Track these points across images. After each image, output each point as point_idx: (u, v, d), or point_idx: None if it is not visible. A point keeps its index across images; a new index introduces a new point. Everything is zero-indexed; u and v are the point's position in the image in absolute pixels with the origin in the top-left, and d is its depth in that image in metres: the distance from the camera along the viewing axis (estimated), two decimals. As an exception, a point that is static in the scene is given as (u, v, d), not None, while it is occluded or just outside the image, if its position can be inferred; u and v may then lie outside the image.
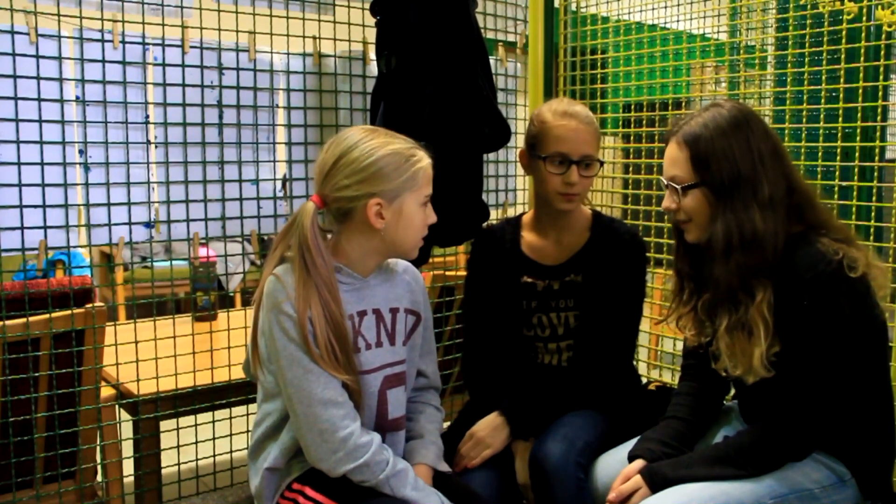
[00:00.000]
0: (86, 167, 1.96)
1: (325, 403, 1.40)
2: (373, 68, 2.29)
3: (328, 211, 1.49)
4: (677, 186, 1.50)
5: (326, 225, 1.52)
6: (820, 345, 1.40)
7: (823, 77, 2.13)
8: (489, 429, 1.77)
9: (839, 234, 1.45)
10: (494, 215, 2.39)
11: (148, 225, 2.06)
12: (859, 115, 2.03)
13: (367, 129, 1.51)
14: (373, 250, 1.50)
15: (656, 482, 1.48)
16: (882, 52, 1.95)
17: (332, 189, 1.45)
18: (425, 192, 1.50)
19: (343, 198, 1.45)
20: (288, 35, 2.22)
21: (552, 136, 1.79)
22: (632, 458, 1.58)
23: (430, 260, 2.27)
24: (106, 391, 2.08)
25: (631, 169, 2.70)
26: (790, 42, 2.43)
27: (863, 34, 2.02)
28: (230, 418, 2.29)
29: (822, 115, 2.12)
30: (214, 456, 2.28)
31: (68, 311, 1.86)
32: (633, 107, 2.70)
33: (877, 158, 2.17)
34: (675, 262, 1.64)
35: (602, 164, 1.83)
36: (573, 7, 2.73)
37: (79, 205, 1.96)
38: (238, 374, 2.10)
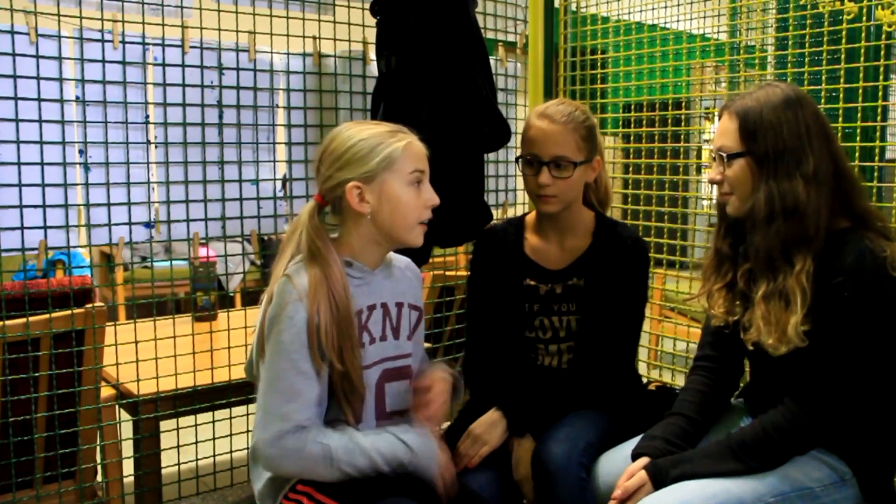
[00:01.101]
0: (86, 167, 1.96)
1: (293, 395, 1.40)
2: (373, 68, 2.29)
3: (330, 207, 1.52)
4: (723, 155, 1.52)
5: (331, 221, 1.54)
6: (847, 337, 1.41)
7: (823, 77, 2.13)
8: (486, 425, 1.77)
9: (884, 228, 1.47)
10: (495, 215, 2.39)
11: (148, 225, 2.06)
12: (859, 115, 2.03)
13: (355, 122, 1.53)
14: (371, 239, 1.51)
15: (659, 478, 1.49)
16: (882, 52, 1.95)
17: (321, 182, 1.49)
18: (409, 170, 1.47)
19: (330, 188, 1.47)
20: (288, 35, 2.22)
21: (526, 136, 1.80)
22: (636, 455, 1.58)
23: (430, 260, 2.27)
24: (106, 391, 2.08)
25: (631, 169, 2.70)
26: (790, 42, 2.43)
27: (863, 34, 2.02)
28: (230, 418, 2.29)
29: (821, 115, 2.12)
30: (214, 456, 2.28)
31: (68, 311, 1.86)
32: (633, 107, 2.70)
33: (877, 158, 2.16)
34: (714, 240, 1.66)
35: (576, 165, 1.76)
36: (573, 7, 2.73)
37: (79, 205, 1.95)
38: (238, 374, 2.10)
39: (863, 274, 1.40)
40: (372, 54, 2.27)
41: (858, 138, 2.05)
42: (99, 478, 2.14)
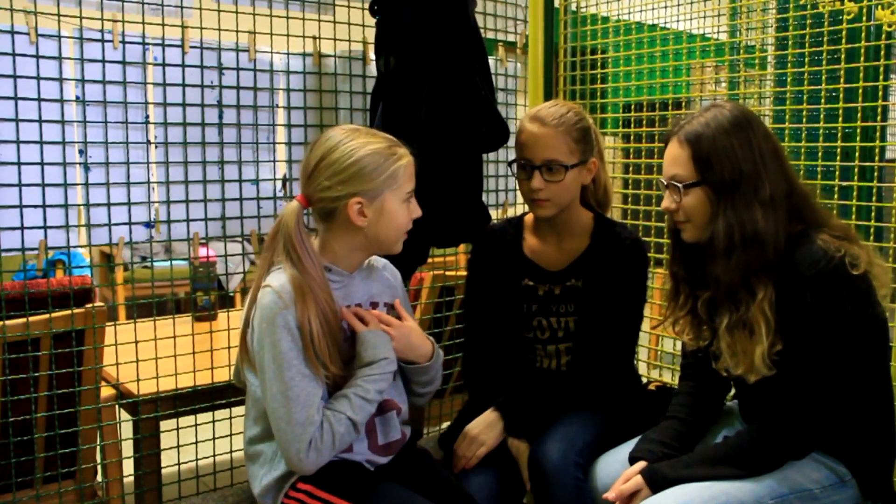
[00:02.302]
0: (86, 167, 1.96)
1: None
2: (373, 68, 2.29)
3: (313, 210, 1.53)
4: (678, 185, 1.50)
5: (312, 224, 1.56)
6: (821, 342, 1.41)
7: (823, 77, 2.12)
8: (483, 426, 1.77)
9: (839, 231, 1.45)
10: (494, 215, 2.39)
11: (148, 225, 2.06)
12: (859, 115, 2.02)
13: (349, 128, 1.54)
14: (357, 247, 1.54)
15: (657, 482, 1.49)
16: (882, 52, 1.95)
17: (314, 190, 1.49)
18: (406, 189, 1.53)
19: (326, 198, 1.49)
20: (288, 35, 2.22)
21: (518, 140, 1.80)
22: (632, 459, 1.58)
23: (430, 260, 2.27)
24: (106, 391, 2.08)
25: (631, 169, 2.70)
26: (790, 42, 2.43)
27: (863, 34, 2.02)
28: (230, 418, 2.29)
29: (822, 115, 2.11)
30: (214, 456, 2.28)
31: (68, 311, 1.86)
32: (633, 107, 2.70)
33: (877, 158, 2.17)
34: (670, 265, 1.64)
35: (567, 168, 1.75)
36: (573, 7, 2.73)
37: (79, 205, 1.95)
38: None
39: (821, 276, 1.38)
40: (372, 54, 2.27)
41: (858, 138, 2.05)
42: (99, 478, 2.14)
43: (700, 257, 1.53)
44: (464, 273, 2.09)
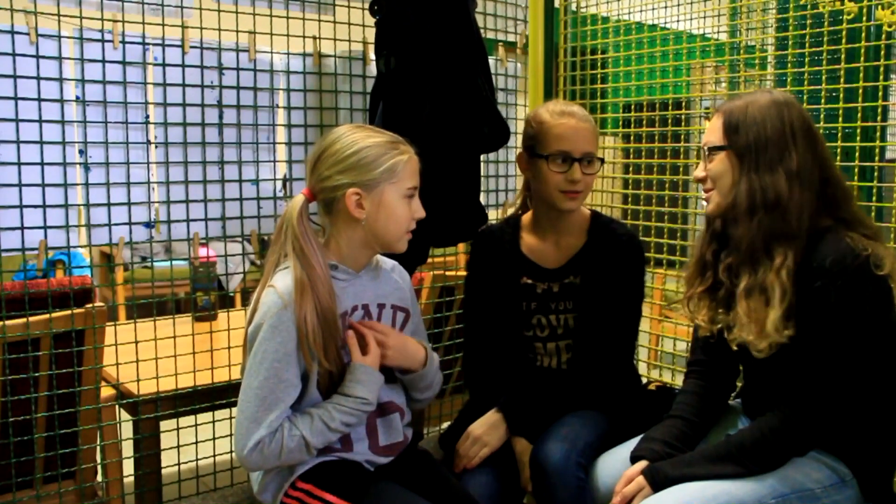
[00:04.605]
0: (86, 167, 1.96)
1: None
2: (373, 68, 2.29)
3: (317, 204, 1.54)
4: (706, 149, 1.54)
5: (318, 221, 1.57)
6: (834, 338, 1.41)
7: (823, 77, 2.13)
8: (486, 426, 1.77)
9: (869, 230, 1.46)
10: (494, 215, 2.39)
11: (148, 225, 2.06)
12: (859, 115, 2.03)
13: (355, 125, 1.57)
14: (360, 242, 1.54)
15: (658, 481, 1.49)
16: (882, 52, 1.95)
17: (317, 180, 1.51)
18: (407, 185, 1.53)
19: (326, 188, 1.50)
20: (288, 35, 2.22)
21: (552, 134, 1.79)
22: (634, 458, 1.58)
23: (430, 260, 2.27)
24: (106, 391, 2.08)
25: (631, 169, 2.70)
26: (790, 42, 2.42)
27: (863, 34, 2.02)
28: (230, 418, 2.29)
29: (822, 115, 2.11)
30: (214, 456, 2.28)
31: (68, 311, 1.86)
32: (633, 107, 2.70)
33: (877, 158, 2.16)
34: (699, 246, 1.65)
35: (602, 161, 1.85)
36: (573, 7, 2.73)
37: (79, 205, 1.95)
38: (238, 374, 2.10)
39: (845, 273, 1.39)
40: (372, 54, 2.27)
41: (858, 138, 2.05)
42: (99, 478, 2.14)
43: (726, 246, 1.56)
44: (464, 273, 2.09)
